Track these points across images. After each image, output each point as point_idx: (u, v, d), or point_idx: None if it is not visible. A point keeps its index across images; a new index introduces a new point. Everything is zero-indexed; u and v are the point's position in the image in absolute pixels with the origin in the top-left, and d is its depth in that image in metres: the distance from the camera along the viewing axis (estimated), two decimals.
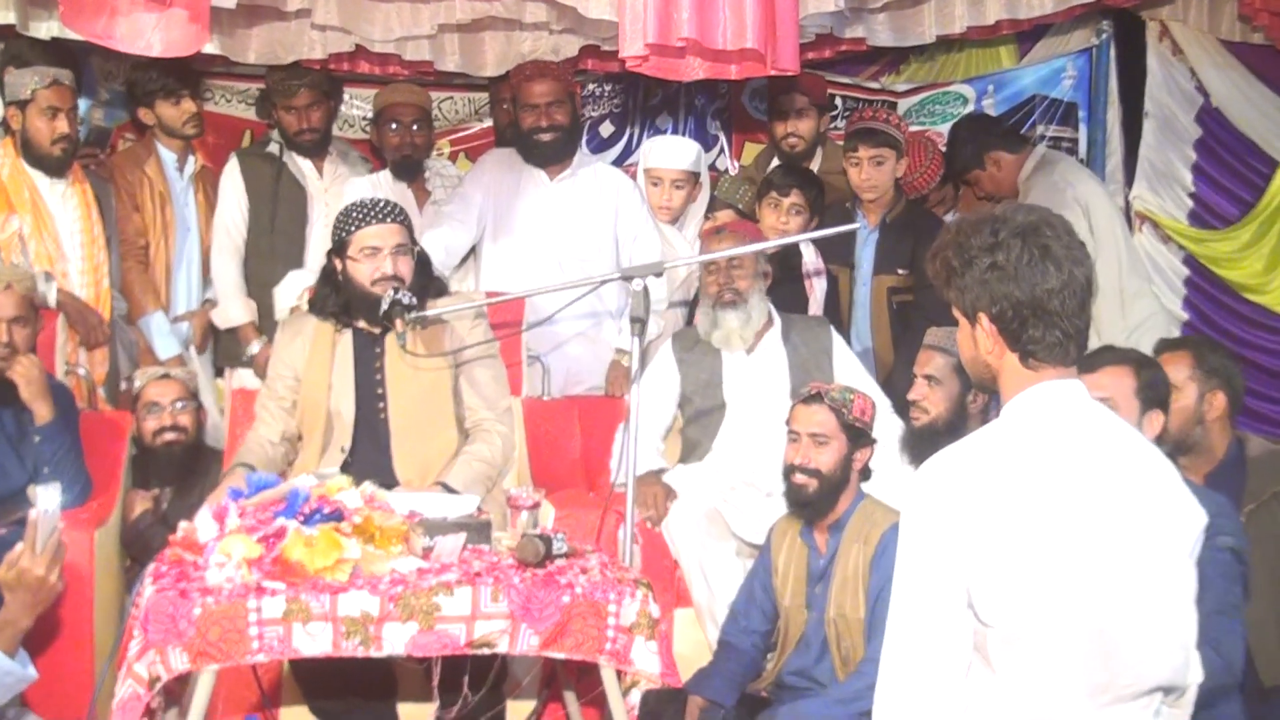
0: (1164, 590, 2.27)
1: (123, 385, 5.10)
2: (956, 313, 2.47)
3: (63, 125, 4.89)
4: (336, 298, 4.18)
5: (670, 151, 5.47)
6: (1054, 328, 2.33)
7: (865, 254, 5.33)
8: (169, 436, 4.66)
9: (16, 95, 4.92)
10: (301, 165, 5.48)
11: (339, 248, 4.13)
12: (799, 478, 3.82)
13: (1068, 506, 2.24)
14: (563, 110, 5.23)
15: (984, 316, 2.39)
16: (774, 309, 4.74)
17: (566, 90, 5.28)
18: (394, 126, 5.50)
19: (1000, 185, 5.48)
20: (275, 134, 5.54)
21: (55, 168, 4.93)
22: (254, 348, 5.29)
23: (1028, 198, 5.29)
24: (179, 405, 4.70)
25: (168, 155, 5.41)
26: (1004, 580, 2.22)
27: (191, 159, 5.52)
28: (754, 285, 4.62)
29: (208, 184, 5.53)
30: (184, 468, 4.66)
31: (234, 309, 5.34)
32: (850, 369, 4.65)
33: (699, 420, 4.67)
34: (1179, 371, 3.93)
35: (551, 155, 5.26)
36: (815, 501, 3.81)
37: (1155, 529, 2.27)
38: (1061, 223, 2.40)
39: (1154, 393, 3.45)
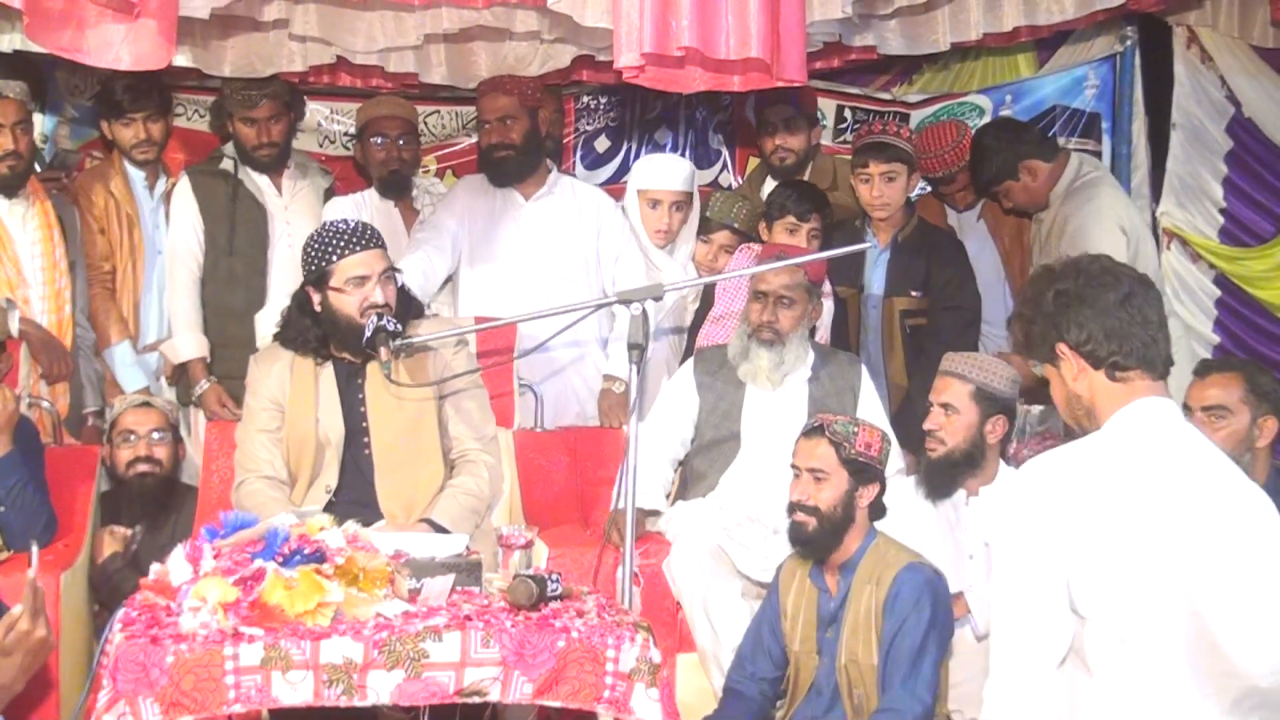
0: (1257, 591, 2.40)
1: (89, 420, 5.10)
2: (1046, 368, 2.66)
3: (7, 141, 4.87)
4: (316, 330, 4.19)
5: (668, 172, 5.47)
6: (1131, 337, 2.53)
7: (876, 275, 5.34)
8: (142, 468, 4.67)
9: None
10: (259, 181, 5.45)
11: (319, 278, 4.14)
12: (799, 515, 3.85)
13: (1160, 506, 2.42)
14: (518, 127, 5.26)
15: (1062, 346, 2.58)
16: (812, 345, 4.75)
17: (525, 106, 5.29)
18: (379, 141, 5.52)
19: (1034, 196, 5.45)
20: (228, 149, 5.49)
21: (6, 186, 4.93)
22: (202, 385, 5.25)
23: (1065, 222, 5.29)
24: (156, 436, 4.70)
25: (135, 173, 5.40)
26: (1101, 571, 2.40)
27: (163, 178, 5.50)
28: (798, 327, 4.62)
29: None
30: (157, 503, 4.66)
31: (184, 343, 5.30)
32: (874, 410, 4.64)
33: (708, 451, 4.67)
34: (1231, 394, 4.01)
35: (509, 174, 5.30)
36: (815, 540, 3.84)
37: (1242, 533, 2.43)
38: (1107, 257, 2.67)
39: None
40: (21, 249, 4.95)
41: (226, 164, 5.45)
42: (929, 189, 6.10)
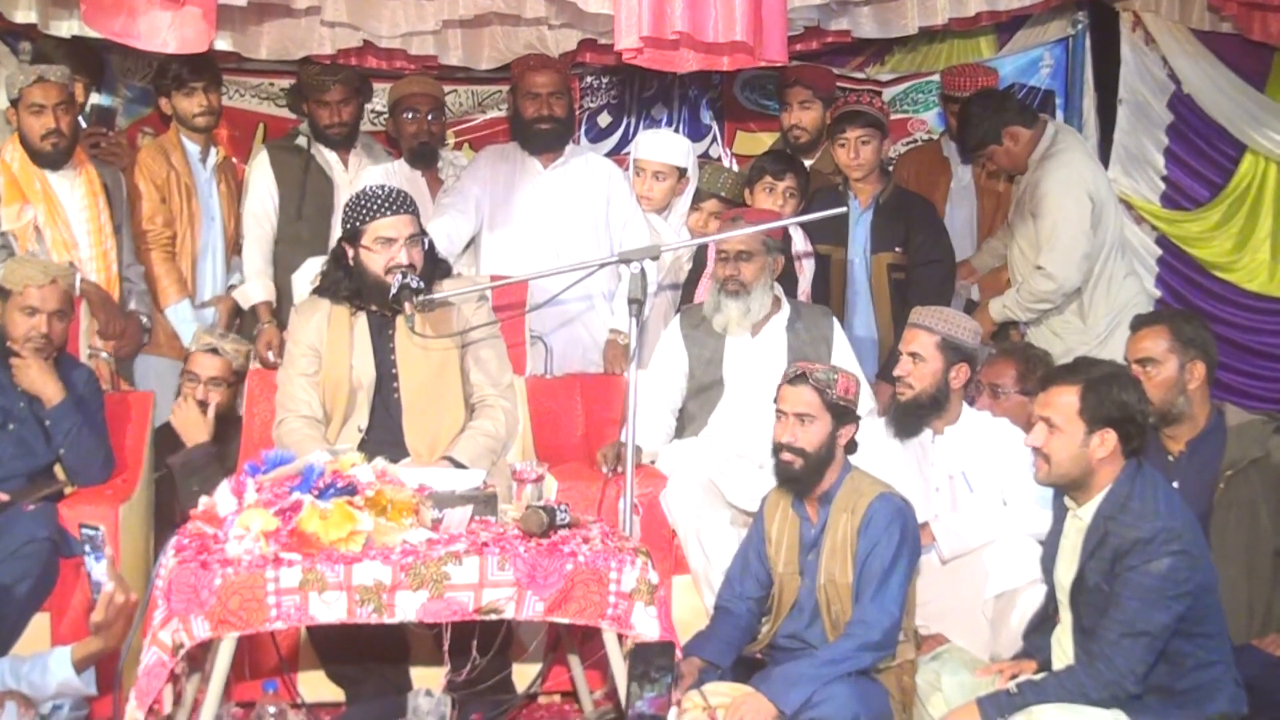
0: None
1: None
2: None
3: (49, 120, 4.78)
4: (348, 282, 4.18)
5: (653, 145, 5.47)
6: None
7: (859, 233, 5.28)
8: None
9: (10, 95, 4.88)
10: (328, 157, 5.49)
11: (352, 236, 4.13)
12: (786, 455, 3.81)
13: None
14: (561, 102, 5.27)
15: None
16: (785, 296, 4.74)
17: (565, 84, 5.33)
18: (410, 115, 5.50)
19: (1015, 160, 5.37)
20: (304, 127, 5.54)
21: (50, 161, 4.85)
22: (262, 325, 5.29)
23: (1037, 185, 5.23)
24: (213, 385, 4.77)
25: (192, 148, 5.38)
26: None
27: (214, 151, 5.49)
28: (760, 278, 4.59)
29: (229, 175, 5.53)
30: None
31: (254, 288, 5.36)
32: (846, 358, 4.62)
33: (698, 396, 4.66)
34: (1158, 344, 3.98)
35: (548, 144, 5.29)
36: (801, 477, 3.81)
37: None
38: None
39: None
40: (71, 214, 4.89)
41: (301, 140, 5.50)
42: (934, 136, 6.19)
